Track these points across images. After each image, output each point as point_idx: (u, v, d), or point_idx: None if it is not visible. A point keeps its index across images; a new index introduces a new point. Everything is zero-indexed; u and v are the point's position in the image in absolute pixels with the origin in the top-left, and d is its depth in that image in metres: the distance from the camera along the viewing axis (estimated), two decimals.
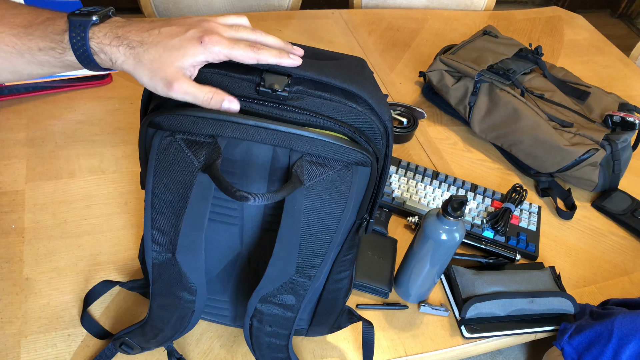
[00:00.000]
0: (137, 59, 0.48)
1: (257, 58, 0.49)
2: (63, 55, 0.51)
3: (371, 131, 0.52)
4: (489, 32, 1.20)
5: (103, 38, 0.49)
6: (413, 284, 0.75)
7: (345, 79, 0.51)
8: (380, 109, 0.52)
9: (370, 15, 1.43)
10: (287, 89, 0.49)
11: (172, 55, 0.48)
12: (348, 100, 0.50)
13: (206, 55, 0.48)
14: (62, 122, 0.94)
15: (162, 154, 0.50)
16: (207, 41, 0.48)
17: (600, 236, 0.96)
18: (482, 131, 1.07)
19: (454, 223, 0.67)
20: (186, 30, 0.49)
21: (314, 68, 0.51)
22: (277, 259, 0.54)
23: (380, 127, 0.52)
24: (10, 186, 0.82)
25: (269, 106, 0.49)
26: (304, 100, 0.50)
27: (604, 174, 0.98)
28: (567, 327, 0.75)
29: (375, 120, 0.51)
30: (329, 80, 0.50)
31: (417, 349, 0.73)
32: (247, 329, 0.60)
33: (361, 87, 0.51)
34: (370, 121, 0.51)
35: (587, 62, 1.44)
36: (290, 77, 0.50)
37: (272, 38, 0.53)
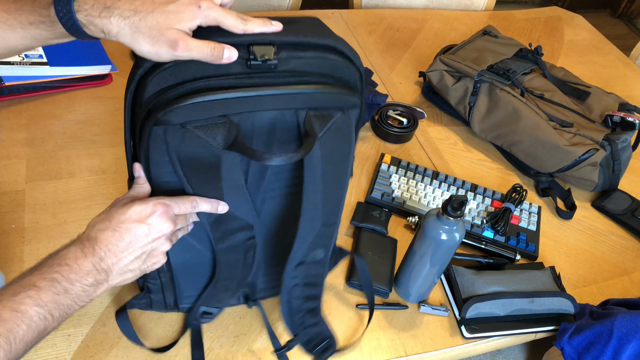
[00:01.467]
0: (134, 28, 0.48)
1: (245, 28, 0.51)
2: (54, 28, 0.50)
3: (352, 78, 0.56)
4: (489, 32, 1.20)
5: (91, 10, 0.48)
6: (413, 283, 0.75)
7: (318, 35, 0.54)
8: (353, 56, 0.55)
9: (370, 15, 1.43)
10: (275, 56, 0.51)
11: (170, 19, 0.48)
12: (327, 54, 0.53)
13: (201, 20, 0.49)
14: (62, 122, 0.94)
15: (180, 147, 0.51)
16: (204, 6, 0.49)
17: (600, 236, 0.96)
18: (482, 131, 1.07)
19: (454, 223, 0.67)
20: None
21: (289, 32, 0.53)
22: (306, 215, 0.58)
23: (356, 72, 0.56)
24: (10, 186, 0.82)
25: (262, 77, 0.51)
26: (291, 64, 0.52)
27: (603, 174, 0.98)
28: (567, 327, 0.75)
29: (352, 67, 0.55)
30: (308, 40, 0.53)
31: (417, 349, 0.73)
32: (285, 300, 0.64)
33: (334, 40, 0.54)
34: (349, 68, 0.55)
35: (587, 62, 1.44)
36: (274, 46, 0.51)
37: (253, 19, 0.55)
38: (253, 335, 0.71)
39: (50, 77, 0.96)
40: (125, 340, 0.67)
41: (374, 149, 1.03)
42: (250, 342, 0.70)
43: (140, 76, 0.50)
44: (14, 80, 0.93)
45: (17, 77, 0.93)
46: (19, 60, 0.95)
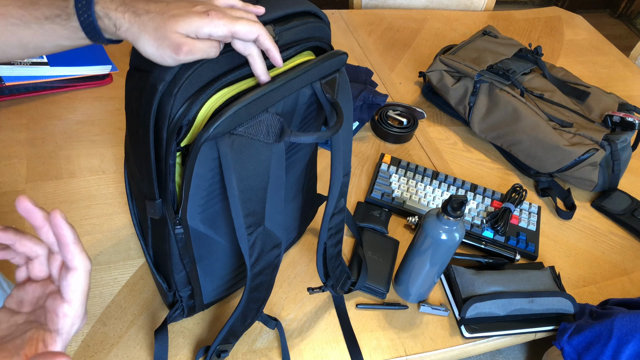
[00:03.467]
0: (142, 26, 0.49)
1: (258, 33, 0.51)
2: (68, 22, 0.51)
3: (327, 36, 0.61)
4: (489, 32, 1.21)
5: (109, 3, 0.49)
6: (413, 283, 0.75)
7: (293, 3, 0.57)
8: (320, 13, 0.59)
9: (370, 16, 1.43)
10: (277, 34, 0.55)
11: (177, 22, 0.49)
12: (307, 18, 0.57)
13: (210, 28, 0.49)
14: (63, 122, 0.94)
15: (231, 153, 0.51)
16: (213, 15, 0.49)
17: (599, 236, 0.96)
18: (482, 131, 1.07)
19: (454, 223, 0.67)
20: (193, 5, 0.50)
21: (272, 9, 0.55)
22: (335, 171, 0.63)
23: (328, 30, 0.61)
24: (11, 186, 0.82)
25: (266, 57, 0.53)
26: (284, 36, 0.55)
27: (603, 174, 0.98)
28: (566, 326, 0.75)
29: (325, 24, 0.60)
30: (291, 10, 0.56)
31: (417, 349, 0.73)
32: (320, 252, 0.69)
33: (305, 4, 0.58)
34: (324, 27, 0.60)
35: (586, 62, 1.44)
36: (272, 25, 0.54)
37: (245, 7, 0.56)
38: (253, 335, 0.71)
39: (50, 77, 0.97)
40: (126, 340, 0.67)
41: (374, 149, 1.03)
42: (250, 342, 0.70)
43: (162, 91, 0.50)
44: (15, 80, 0.93)
45: (18, 77, 0.93)
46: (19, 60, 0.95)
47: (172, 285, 0.64)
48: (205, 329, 0.70)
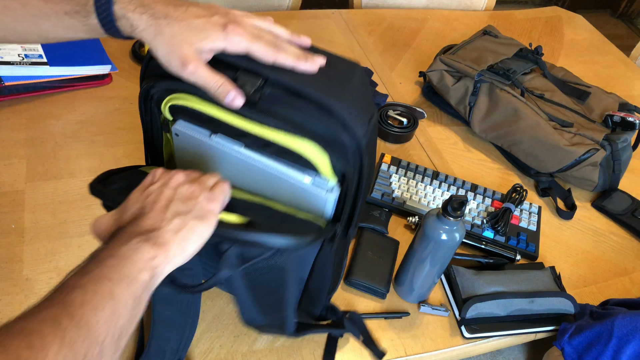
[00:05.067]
0: (159, 30, 0.49)
1: (276, 57, 0.50)
2: (87, 19, 0.51)
3: (340, 146, 0.50)
4: (489, 32, 1.20)
5: (128, 3, 0.50)
6: (413, 284, 0.75)
7: (321, 89, 0.49)
8: (354, 124, 0.49)
9: (370, 15, 1.43)
10: (259, 91, 0.49)
11: (193, 35, 0.49)
12: (319, 111, 0.49)
13: (226, 44, 0.49)
14: (62, 122, 0.93)
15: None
16: (230, 29, 0.49)
17: (600, 236, 0.96)
18: (482, 131, 1.07)
19: (454, 223, 0.66)
20: (212, 15, 0.50)
21: (291, 74, 0.50)
22: (243, 312, 0.58)
23: (351, 143, 0.50)
24: (10, 186, 0.82)
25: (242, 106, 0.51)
26: (276, 104, 0.50)
27: (604, 174, 0.98)
28: (567, 327, 0.75)
29: (345, 135, 0.49)
30: (302, 88, 0.49)
31: (417, 349, 0.73)
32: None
33: (335, 100, 0.49)
34: (339, 136, 0.49)
35: (587, 62, 1.44)
36: (263, 80, 0.50)
37: (293, 47, 0.53)
38: (253, 335, 0.71)
39: (50, 77, 0.96)
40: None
41: None
42: (250, 342, 0.70)
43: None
44: (14, 80, 0.93)
45: (17, 77, 0.93)
46: (19, 60, 0.95)
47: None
48: (205, 329, 0.70)
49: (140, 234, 0.44)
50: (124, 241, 0.43)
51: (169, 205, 0.47)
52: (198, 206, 0.48)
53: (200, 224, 0.47)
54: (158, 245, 0.44)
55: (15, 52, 0.95)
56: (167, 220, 0.46)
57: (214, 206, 0.49)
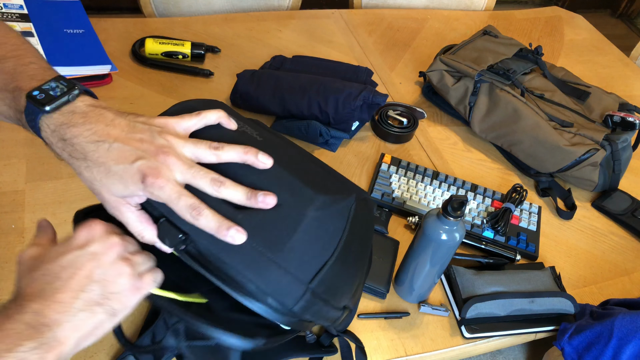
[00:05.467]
0: (79, 171, 0.45)
1: (194, 222, 0.45)
2: (28, 127, 0.47)
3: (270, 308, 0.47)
4: (489, 32, 1.20)
5: (50, 135, 0.45)
6: (413, 284, 0.75)
7: (245, 258, 0.45)
8: (282, 297, 0.46)
9: (370, 15, 1.43)
10: (180, 244, 0.46)
11: (111, 184, 0.44)
12: (243, 279, 0.46)
13: (145, 193, 0.45)
14: None
15: None
16: (148, 183, 0.43)
17: (600, 236, 0.96)
18: (482, 131, 1.07)
19: (454, 223, 0.66)
20: (135, 159, 0.44)
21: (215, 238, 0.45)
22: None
23: (282, 309, 0.47)
24: (10, 186, 0.82)
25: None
26: (202, 256, 0.46)
27: (604, 174, 0.98)
28: (567, 327, 0.74)
29: (272, 302, 0.46)
30: (221, 256, 0.45)
31: (417, 349, 0.73)
32: None
33: (258, 274, 0.46)
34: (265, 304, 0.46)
35: (587, 62, 1.44)
36: (184, 237, 0.46)
37: (234, 192, 0.46)
38: None
39: None
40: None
41: (374, 149, 1.03)
42: None
43: None
44: None
45: None
46: None
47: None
48: None
49: (37, 329, 0.39)
50: (13, 343, 0.37)
51: (85, 288, 0.41)
52: (116, 297, 0.43)
53: (109, 321, 0.43)
54: (51, 350, 0.39)
55: None
56: (74, 312, 0.40)
57: (133, 299, 0.45)
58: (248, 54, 1.18)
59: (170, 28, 1.20)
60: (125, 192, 0.45)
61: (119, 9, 2.35)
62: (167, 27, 1.20)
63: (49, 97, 0.45)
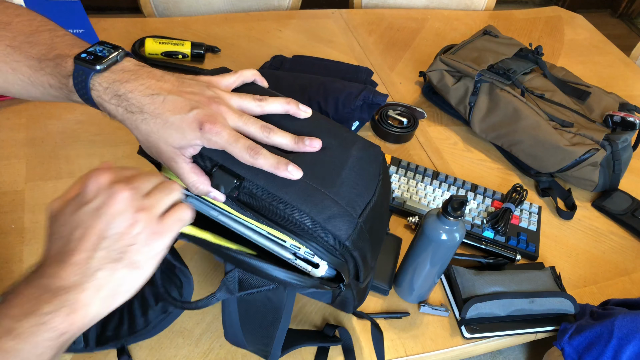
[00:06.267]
0: (134, 125, 0.46)
1: (253, 162, 0.47)
2: (71, 95, 0.49)
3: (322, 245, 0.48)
4: (489, 32, 1.20)
5: (103, 93, 0.47)
6: (413, 284, 0.75)
7: (301, 195, 0.47)
8: (337, 229, 0.48)
9: (370, 15, 1.43)
10: (235, 190, 0.48)
11: (170, 135, 0.45)
12: (299, 216, 0.47)
13: (203, 142, 0.46)
14: (62, 122, 0.93)
15: None
16: (206, 129, 0.45)
17: (600, 236, 0.96)
18: (482, 131, 1.07)
19: (454, 223, 0.66)
20: (190, 109, 0.46)
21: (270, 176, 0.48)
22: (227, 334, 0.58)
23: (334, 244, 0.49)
24: (10, 186, 0.82)
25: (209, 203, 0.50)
26: (254, 202, 0.48)
27: (604, 174, 0.98)
28: (567, 327, 0.74)
29: (326, 239, 0.48)
30: (279, 193, 0.47)
31: (417, 349, 0.73)
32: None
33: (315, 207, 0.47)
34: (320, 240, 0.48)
35: (587, 62, 1.44)
36: (240, 180, 0.48)
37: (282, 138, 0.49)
38: None
39: None
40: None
41: None
42: None
43: None
44: None
45: None
46: None
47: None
48: (205, 329, 0.70)
49: (54, 293, 0.37)
50: (32, 306, 0.37)
51: (97, 247, 0.39)
52: (135, 248, 0.40)
53: (133, 274, 0.40)
54: (74, 312, 0.38)
55: None
56: (91, 273, 0.39)
57: (156, 247, 0.41)
58: (248, 54, 1.18)
59: (170, 28, 1.20)
60: (182, 142, 0.46)
61: (119, 9, 2.35)
62: (167, 27, 1.20)
63: (98, 57, 0.47)
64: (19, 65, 0.50)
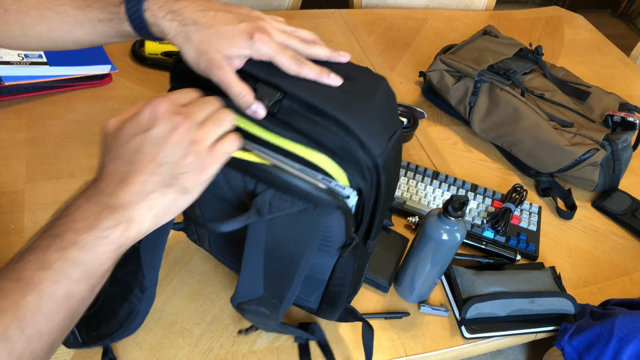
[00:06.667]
0: (187, 36, 0.50)
1: (298, 71, 0.50)
2: (120, 26, 0.53)
3: (355, 163, 0.49)
4: (489, 32, 1.20)
5: (158, 11, 0.51)
6: (414, 284, 0.75)
7: (340, 106, 0.49)
8: (371, 143, 0.49)
9: (370, 15, 1.43)
10: (277, 104, 0.49)
11: (221, 42, 0.49)
12: (337, 128, 0.48)
13: (252, 51, 0.50)
14: (62, 122, 0.93)
15: None
16: (256, 38, 0.49)
17: (600, 236, 0.96)
18: (482, 131, 1.07)
19: (455, 223, 0.66)
20: (240, 21, 0.50)
21: (311, 89, 0.50)
22: (245, 277, 0.57)
23: (368, 161, 0.50)
24: (10, 186, 0.82)
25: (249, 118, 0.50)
26: (293, 117, 0.49)
27: (604, 174, 0.98)
28: (567, 327, 0.74)
29: (361, 153, 0.49)
30: (320, 105, 0.49)
31: (417, 349, 0.73)
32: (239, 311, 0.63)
33: (353, 118, 0.49)
34: (355, 154, 0.49)
35: (587, 62, 1.44)
36: (283, 94, 0.49)
37: (320, 48, 0.54)
38: (253, 335, 0.71)
39: (50, 77, 0.96)
40: (125, 341, 0.67)
41: None
42: (250, 342, 0.70)
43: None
44: (14, 80, 0.93)
45: (17, 77, 0.93)
46: (19, 60, 0.95)
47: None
48: (205, 329, 0.70)
49: (113, 209, 0.42)
50: (94, 221, 0.41)
51: (154, 173, 0.43)
52: (185, 176, 0.44)
53: (181, 199, 0.45)
54: (129, 228, 0.42)
55: (15, 52, 0.95)
56: (145, 194, 0.43)
57: (204, 176, 0.45)
58: None
59: None
60: (232, 50, 0.49)
61: None
62: None
63: None
64: (64, 7, 0.54)
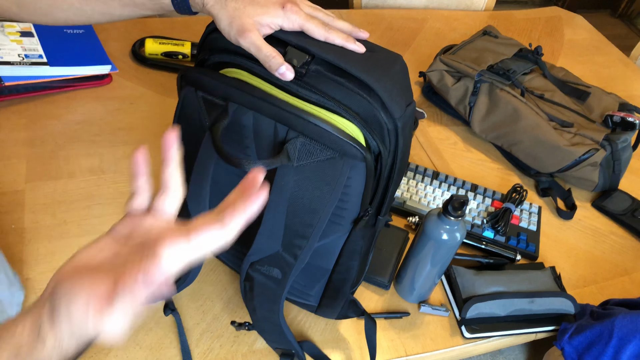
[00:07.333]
0: (224, 4, 0.54)
1: (326, 36, 0.55)
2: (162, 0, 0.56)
3: (377, 124, 0.53)
4: (489, 32, 1.20)
5: None
6: (414, 283, 0.75)
7: (364, 69, 0.52)
8: (392, 105, 0.52)
9: (370, 15, 1.43)
10: (305, 66, 0.52)
11: (254, 9, 0.53)
12: (360, 89, 0.52)
13: (283, 20, 0.54)
14: (62, 122, 0.93)
15: (185, 107, 0.55)
16: (288, 8, 0.54)
17: (600, 236, 0.96)
18: (482, 131, 1.07)
19: (455, 223, 0.66)
20: None
21: (337, 53, 0.53)
22: (265, 229, 0.57)
23: (388, 123, 0.53)
24: (10, 186, 0.82)
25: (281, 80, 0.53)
26: (320, 80, 0.52)
27: (604, 174, 0.98)
28: (567, 327, 0.74)
29: (383, 115, 0.52)
30: (347, 67, 0.52)
31: (417, 349, 0.73)
32: (243, 291, 0.63)
33: (376, 80, 0.52)
34: (377, 115, 0.52)
35: (587, 62, 1.44)
36: (311, 57, 0.53)
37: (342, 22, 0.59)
38: (253, 335, 0.71)
39: (50, 77, 0.96)
40: (125, 341, 0.67)
41: None
42: (250, 342, 0.70)
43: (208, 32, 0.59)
44: (14, 80, 0.93)
45: (17, 77, 0.93)
46: (19, 60, 0.95)
47: None
48: (205, 329, 0.70)
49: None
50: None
51: None
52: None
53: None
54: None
55: (15, 52, 0.95)
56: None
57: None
58: None
59: (170, 28, 1.20)
60: (264, 17, 0.53)
61: None
62: (167, 27, 1.20)
63: None
64: None
